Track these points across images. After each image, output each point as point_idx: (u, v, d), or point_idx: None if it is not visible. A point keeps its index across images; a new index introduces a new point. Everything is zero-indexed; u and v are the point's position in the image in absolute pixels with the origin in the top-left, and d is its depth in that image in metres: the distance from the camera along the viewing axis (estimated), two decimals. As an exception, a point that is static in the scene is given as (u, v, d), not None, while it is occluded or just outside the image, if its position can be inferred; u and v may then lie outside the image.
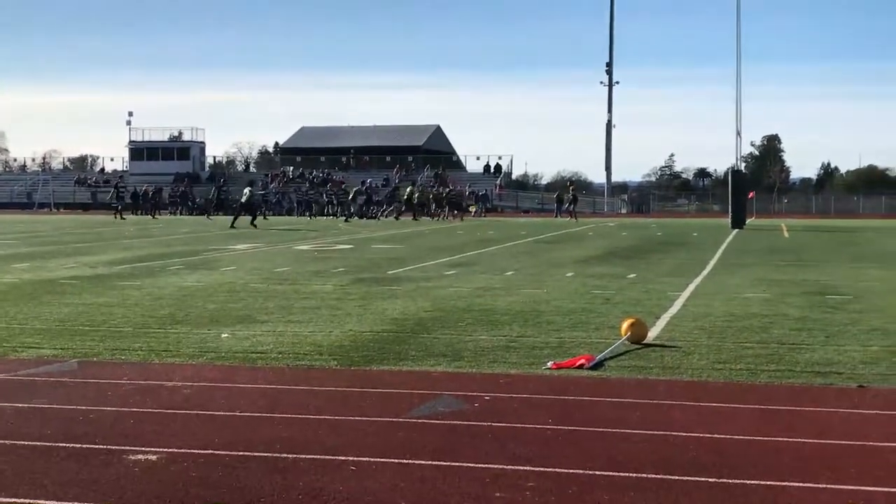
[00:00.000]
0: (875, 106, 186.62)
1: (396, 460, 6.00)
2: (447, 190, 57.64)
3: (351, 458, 6.04)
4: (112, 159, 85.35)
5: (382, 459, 6.02)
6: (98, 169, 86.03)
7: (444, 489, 5.45)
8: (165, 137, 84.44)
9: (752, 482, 5.56)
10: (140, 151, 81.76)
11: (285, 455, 6.13)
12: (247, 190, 45.34)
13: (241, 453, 6.17)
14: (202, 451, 6.20)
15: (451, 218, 53.02)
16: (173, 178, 74.87)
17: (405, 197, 55.18)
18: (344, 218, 53.15)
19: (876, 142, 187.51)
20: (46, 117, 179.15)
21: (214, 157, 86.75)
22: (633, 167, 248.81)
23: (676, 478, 5.65)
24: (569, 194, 58.56)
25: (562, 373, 8.85)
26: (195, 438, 6.54)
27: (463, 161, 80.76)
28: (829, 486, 5.50)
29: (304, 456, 6.11)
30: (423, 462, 5.97)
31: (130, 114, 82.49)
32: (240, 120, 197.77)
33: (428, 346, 10.22)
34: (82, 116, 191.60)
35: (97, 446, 6.35)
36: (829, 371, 8.89)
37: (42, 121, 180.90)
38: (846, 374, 8.75)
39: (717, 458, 6.08)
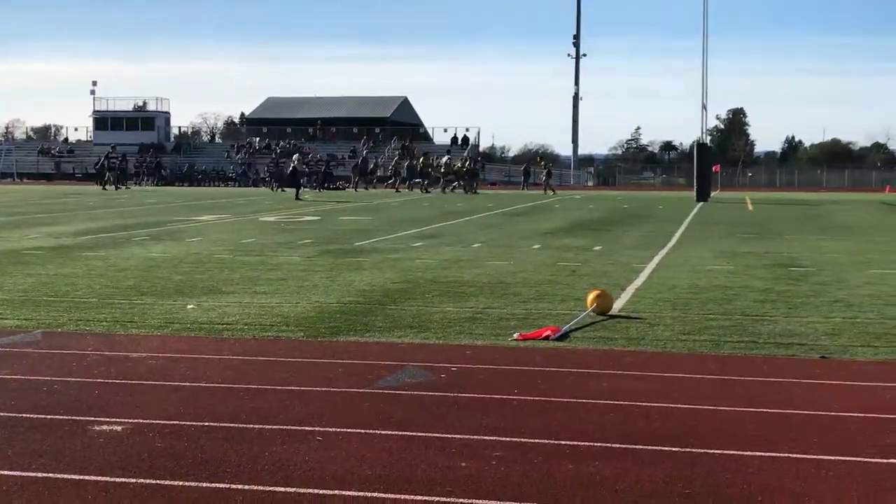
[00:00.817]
0: (839, 80, 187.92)
1: (363, 431, 6.01)
2: (465, 162, 56.29)
3: (317, 429, 6.04)
4: (76, 129, 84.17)
5: (349, 430, 6.02)
6: (62, 139, 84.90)
7: (410, 459, 5.47)
8: (130, 107, 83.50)
9: (716, 451, 5.61)
10: (104, 121, 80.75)
11: (251, 426, 6.12)
12: (295, 157, 44.67)
13: (206, 424, 6.15)
14: (167, 422, 6.18)
15: (465, 189, 51.88)
16: (138, 149, 74.21)
17: (444, 169, 54.41)
18: (317, 189, 52.59)
19: (840, 116, 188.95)
20: (9, 86, 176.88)
21: (180, 128, 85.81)
22: (600, 140, 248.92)
23: (641, 447, 5.69)
24: (541, 168, 58.62)
25: (528, 344, 8.89)
26: (160, 409, 6.52)
27: (430, 133, 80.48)
28: (791, 455, 5.57)
29: (269, 427, 6.10)
30: (389, 432, 5.98)
31: (94, 83, 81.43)
32: (205, 90, 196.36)
33: (395, 317, 10.22)
34: (46, 86, 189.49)
35: (61, 417, 6.31)
36: (792, 342, 8.97)
37: (4, 90, 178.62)
38: (808, 346, 8.84)
39: (681, 427, 6.13)
